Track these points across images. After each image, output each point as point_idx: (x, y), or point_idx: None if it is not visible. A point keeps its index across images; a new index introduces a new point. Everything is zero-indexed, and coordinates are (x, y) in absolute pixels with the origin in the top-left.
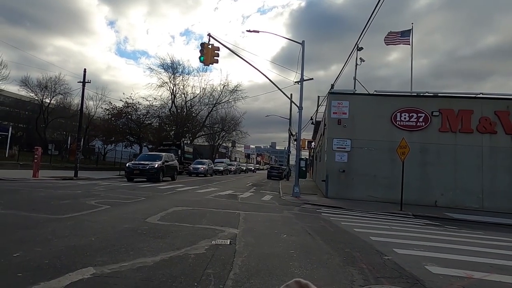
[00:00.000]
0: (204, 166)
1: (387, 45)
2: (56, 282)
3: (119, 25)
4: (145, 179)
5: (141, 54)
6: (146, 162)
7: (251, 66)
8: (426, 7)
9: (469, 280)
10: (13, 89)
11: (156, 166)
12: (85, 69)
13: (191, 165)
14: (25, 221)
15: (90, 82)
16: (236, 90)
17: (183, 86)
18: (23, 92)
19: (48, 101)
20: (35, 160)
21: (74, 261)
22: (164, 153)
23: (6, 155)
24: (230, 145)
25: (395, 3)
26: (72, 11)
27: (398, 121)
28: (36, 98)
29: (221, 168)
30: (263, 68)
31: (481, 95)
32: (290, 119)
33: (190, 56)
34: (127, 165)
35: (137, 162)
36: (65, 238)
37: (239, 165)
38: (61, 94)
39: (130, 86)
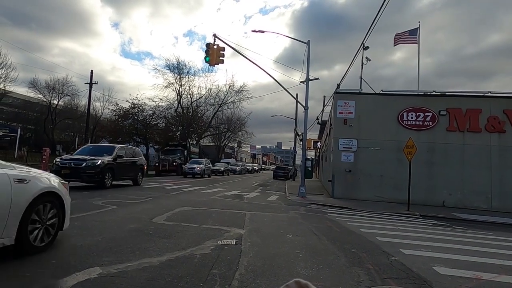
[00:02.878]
0: (201, 166)
1: (395, 45)
2: (63, 282)
3: (123, 26)
4: (84, 183)
5: (145, 55)
6: (85, 158)
7: (257, 66)
8: (429, 5)
9: (478, 281)
10: (22, 90)
11: (98, 163)
12: (92, 71)
13: (186, 165)
14: None
15: (97, 83)
16: (241, 90)
17: (189, 86)
18: (31, 93)
19: (56, 103)
20: (44, 161)
21: (80, 261)
22: (119, 145)
23: (15, 156)
24: (236, 145)
25: (398, 2)
26: (77, 12)
27: (405, 120)
28: (44, 100)
29: (222, 168)
30: (267, 68)
31: (489, 94)
32: (296, 119)
33: (194, 57)
34: (54, 161)
35: (69, 158)
36: (72, 237)
37: (244, 165)
38: (69, 95)
39: (135, 87)
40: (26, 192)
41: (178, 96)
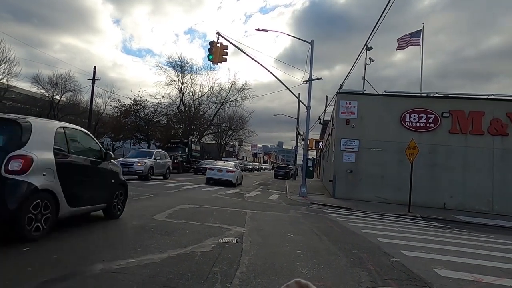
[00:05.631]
0: (145, 161)
1: (397, 50)
2: (64, 277)
3: (124, 23)
4: None
5: (146, 52)
6: None
7: (259, 65)
8: (430, 7)
9: (479, 284)
10: (24, 85)
11: None
12: (95, 67)
13: (121, 158)
14: None
15: (100, 80)
16: (244, 88)
17: (191, 84)
18: (34, 89)
19: (59, 98)
20: None
21: (82, 257)
22: None
23: None
24: (237, 144)
25: (399, 4)
26: (78, 9)
27: (407, 122)
28: (47, 95)
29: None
30: (268, 67)
31: (492, 97)
32: (297, 118)
33: (195, 55)
34: None
35: None
36: (74, 233)
37: (241, 163)
38: (71, 91)
39: (137, 84)
40: (240, 173)
41: (180, 94)
